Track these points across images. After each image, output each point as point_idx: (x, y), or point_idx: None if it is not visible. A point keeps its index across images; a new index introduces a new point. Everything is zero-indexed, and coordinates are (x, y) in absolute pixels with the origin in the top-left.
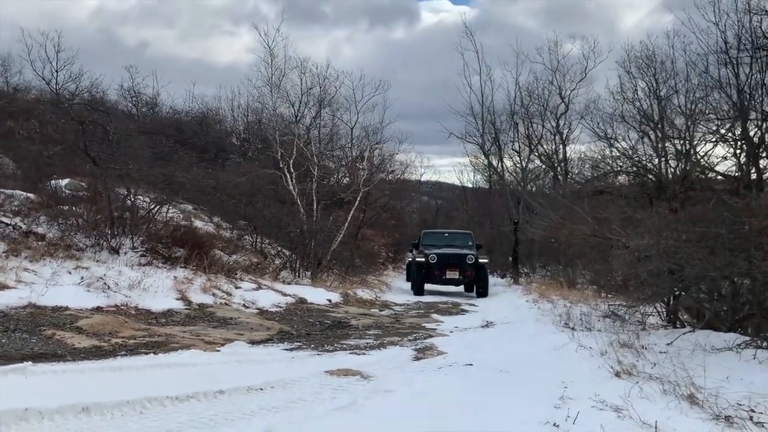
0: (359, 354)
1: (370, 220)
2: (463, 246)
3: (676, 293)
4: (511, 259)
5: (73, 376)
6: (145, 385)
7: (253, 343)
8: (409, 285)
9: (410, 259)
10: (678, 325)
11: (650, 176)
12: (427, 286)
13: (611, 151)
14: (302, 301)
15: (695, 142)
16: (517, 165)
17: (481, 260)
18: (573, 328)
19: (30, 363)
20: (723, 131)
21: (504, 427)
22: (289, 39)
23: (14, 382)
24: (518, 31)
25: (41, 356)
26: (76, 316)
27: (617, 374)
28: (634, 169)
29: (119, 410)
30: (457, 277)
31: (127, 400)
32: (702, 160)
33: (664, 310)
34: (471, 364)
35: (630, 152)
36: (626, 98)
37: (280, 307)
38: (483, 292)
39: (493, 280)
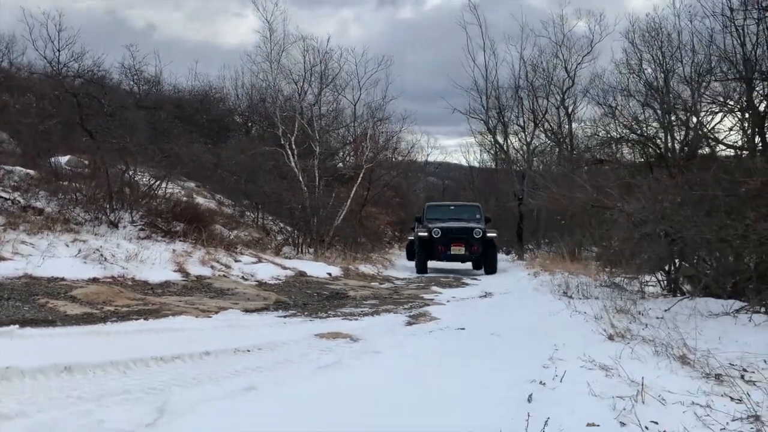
0: (352, 320)
1: (374, 198)
2: (471, 219)
3: (677, 262)
4: (516, 235)
5: (59, 339)
6: (132, 347)
7: (247, 311)
8: (412, 263)
9: (412, 237)
10: (678, 295)
11: (651, 145)
12: (432, 264)
13: (615, 122)
14: (302, 274)
15: (700, 114)
16: (522, 141)
17: (489, 234)
18: (570, 297)
19: (17, 327)
20: (729, 102)
21: (488, 385)
22: (290, 15)
23: (0, 343)
24: (524, 7)
25: (31, 322)
26: (71, 286)
27: (610, 337)
28: (634, 137)
29: (102, 370)
30: (463, 252)
31: (110, 360)
32: (707, 131)
33: (664, 279)
34: (463, 329)
35: (632, 121)
36: (632, 70)
37: (279, 279)
38: (491, 269)
39: (498, 255)
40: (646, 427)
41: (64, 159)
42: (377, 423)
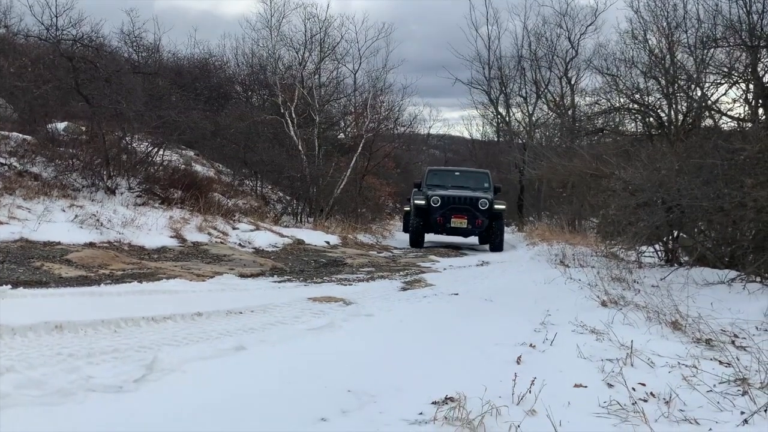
0: (346, 285)
1: (375, 169)
2: (477, 188)
3: (674, 233)
4: (516, 207)
5: (51, 300)
6: (124, 308)
7: (242, 276)
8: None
9: (408, 207)
10: (676, 266)
11: (653, 114)
12: (432, 237)
13: (617, 91)
14: (300, 242)
15: (704, 85)
16: (525, 113)
17: (497, 206)
18: (567, 266)
19: (9, 287)
20: (733, 73)
21: (478, 347)
22: None
23: None
24: None
25: (25, 283)
26: (67, 250)
27: (603, 303)
28: (636, 106)
29: (93, 329)
30: (465, 226)
31: (102, 319)
32: (710, 103)
33: (662, 250)
34: (456, 294)
35: (633, 90)
36: (636, 40)
37: (277, 247)
38: (497, 246)
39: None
40: (633, 388)
41: (61, 125)
42: (362, 381)
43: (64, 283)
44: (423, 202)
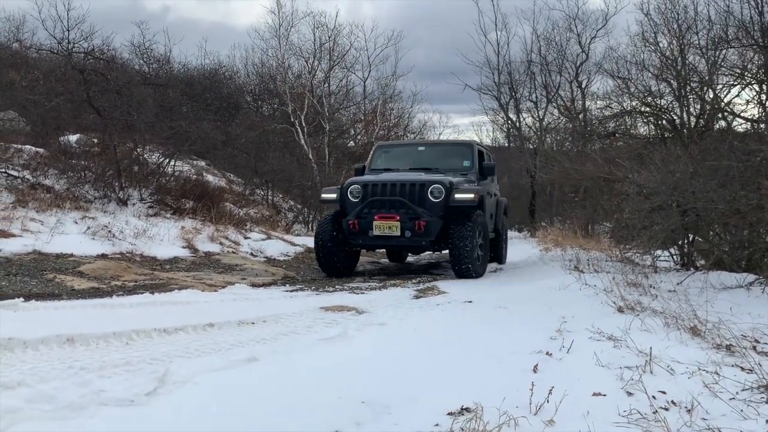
0: (358, 293)
1: None
2: (450, 170)
3: (690, 237)
4: (528, 212)
5: (63, 312)
6: (136, 319)
7: (254, 286)
8: None
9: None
10: (692, 269)
11: (665, 118)
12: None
13: (628, 95)
14: (311, 250)
15: (717, 86)
16: (535, 118)
17: (461, 195)
18: (581, 271)
19: (21, 300)
20: (746, 74)
21: (493, 355)
22: None
23: (3, 316)
24: None
25: (38, 296)
26: (79, 262)
27: (620, 309)
28: (648, 109)
29: (105, 341)
30: (395, 232)
31: (113, 332)
32: (723, 104)
33: (677, 254)
34: (470, 302)
35: (645, 94)
36: (647, 42)
37: (288, 255)
38: (461, 267)
39: (509, 233)
40: (654, 397)
41: (73, 137)
42: (376, 392)
43: (77, 295)
44: (333, 195)
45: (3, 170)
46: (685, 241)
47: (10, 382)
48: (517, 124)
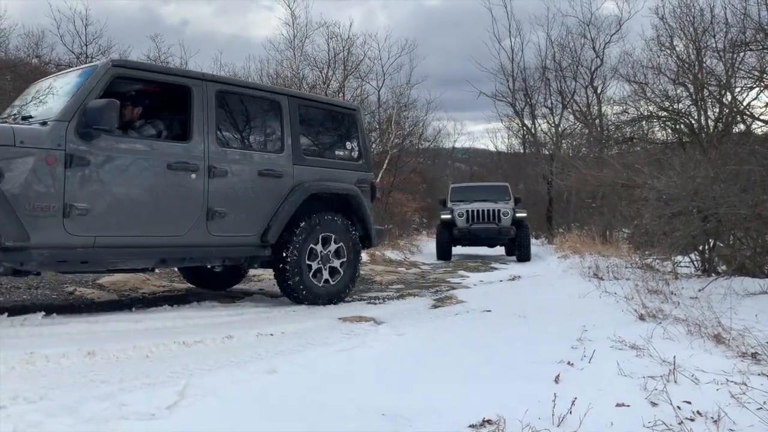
0: (376, 303)
1: (401, 184)
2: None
3: (711, 242)
4: (545, 219)
5: (84, 326)
6: (155, 332)
7: (272, 296)
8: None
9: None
10: (713, 275)
11: (683, 122)
12: (460, 250)
13: (645, 99)
14: None
15: (735, 90)
16: (551, 123)
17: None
18: (601, 278)
19: (43, 313)
20: (765, 76)
21: (514, 365)
22: (318, 6)
23: (25, 330)
24: None
25: (58, 309)
26: (100, 275)
27: (641, 317)
28: (665, 114)
29: (124, 353)
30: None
31: (133, 345)
32: (742, 108)
33: (698, 259)
34: (489, 311)
35: (663, 98)
36: (662, 46)
37: None
38: (524, 256)
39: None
40: (679, 407)
41: None
42: (396, 404)
43: (96, 307)
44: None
45: None
46: (706, 247)
47: (33, 396)
48: (533, 130)
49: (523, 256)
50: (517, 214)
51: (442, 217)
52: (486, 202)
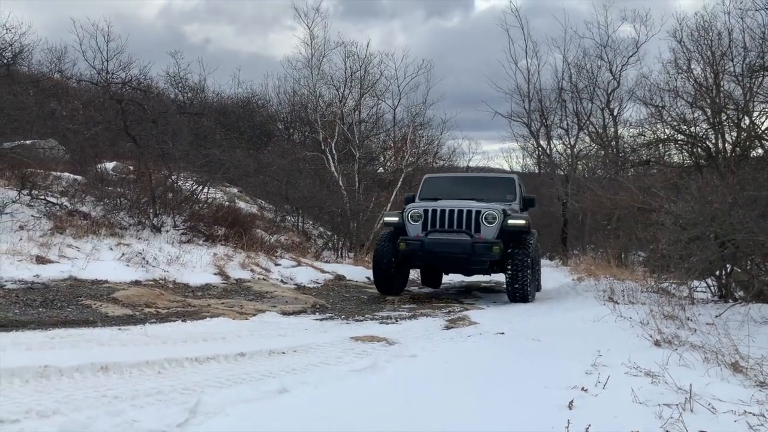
0: (389, 323)
1: None
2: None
3: (728, 268)
4: (560, 240)
5: (96, 339)
6: (168, 348)
7: (285, 314)
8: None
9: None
10: (730, 301)
11: (700, 146)
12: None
13: (662, 123)
14: (340, 278)
15: (753, 114)
16: (566, 145)
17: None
18: (616, 302)
19: (58, 327)
20: None
21: (527, 390)
22: (340, 27)
23: (40, 344)
24: (567, 10)
25: (73, 323)
26: (114, 289)
27: (657, 343)
28: (683, 137)
29: (138, 369)
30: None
31: (146, 360)
32: (761, 132)
33: (715, 285)
34: (502, 333)
35: (680, 121)
36: (680, 70)
37: (318, 283)
38: (519, 291)
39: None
40: None
41: (110, 165)
42: (408, 426)
43: (111, 322)
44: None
45: (42, 197)
46: (723, 272)
47: (46, 410)
48: (548, 151)
49: (519, 291)
50: (511, 221)
51: (386, 220)
52: (464, 200)
